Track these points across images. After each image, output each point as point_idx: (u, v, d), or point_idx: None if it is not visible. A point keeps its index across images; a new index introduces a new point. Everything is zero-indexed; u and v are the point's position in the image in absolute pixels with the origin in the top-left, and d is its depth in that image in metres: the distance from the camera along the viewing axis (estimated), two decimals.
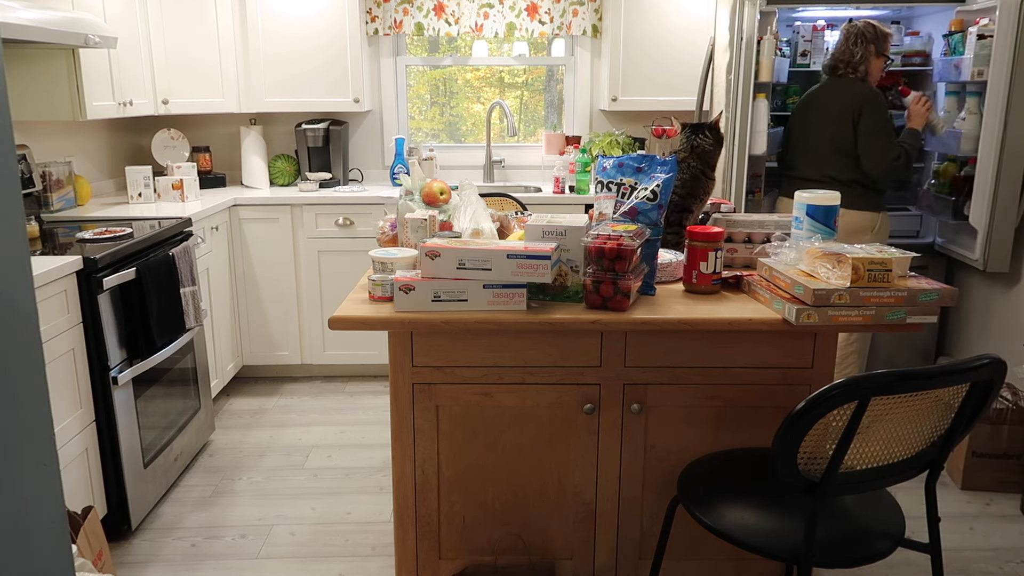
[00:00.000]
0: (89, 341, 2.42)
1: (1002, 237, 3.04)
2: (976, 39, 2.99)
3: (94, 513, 2.20)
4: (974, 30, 3.01)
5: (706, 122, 2.24)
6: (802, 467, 1.40)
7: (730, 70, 3.22)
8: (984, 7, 3.07)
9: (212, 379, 3.42)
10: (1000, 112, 2.94)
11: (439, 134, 4.52)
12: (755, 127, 3.24)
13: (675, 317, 1.76)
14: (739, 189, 3.27)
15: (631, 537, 2.00)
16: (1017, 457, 2.82)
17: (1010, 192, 3.00)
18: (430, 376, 1.88)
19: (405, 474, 1.95)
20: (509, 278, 1.75)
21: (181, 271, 2.85)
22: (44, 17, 2.48)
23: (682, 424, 1.92)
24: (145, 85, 3.61)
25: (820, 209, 1.90)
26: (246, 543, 2.57)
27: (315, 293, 3.87)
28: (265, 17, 3.85)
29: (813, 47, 3.51)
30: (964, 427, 1.46)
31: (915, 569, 2.41)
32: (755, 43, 3.15)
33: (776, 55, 3.24)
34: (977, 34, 2.99)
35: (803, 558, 1.41)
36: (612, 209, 1.92)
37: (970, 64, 3.03)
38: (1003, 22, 2.89)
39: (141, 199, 3.57)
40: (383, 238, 2.21)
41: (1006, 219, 3.02)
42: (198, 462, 3.12)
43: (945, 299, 1.69)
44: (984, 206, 3.03)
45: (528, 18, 4.13)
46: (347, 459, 3.15)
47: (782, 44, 3.40)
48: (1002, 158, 2.98)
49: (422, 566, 2.01)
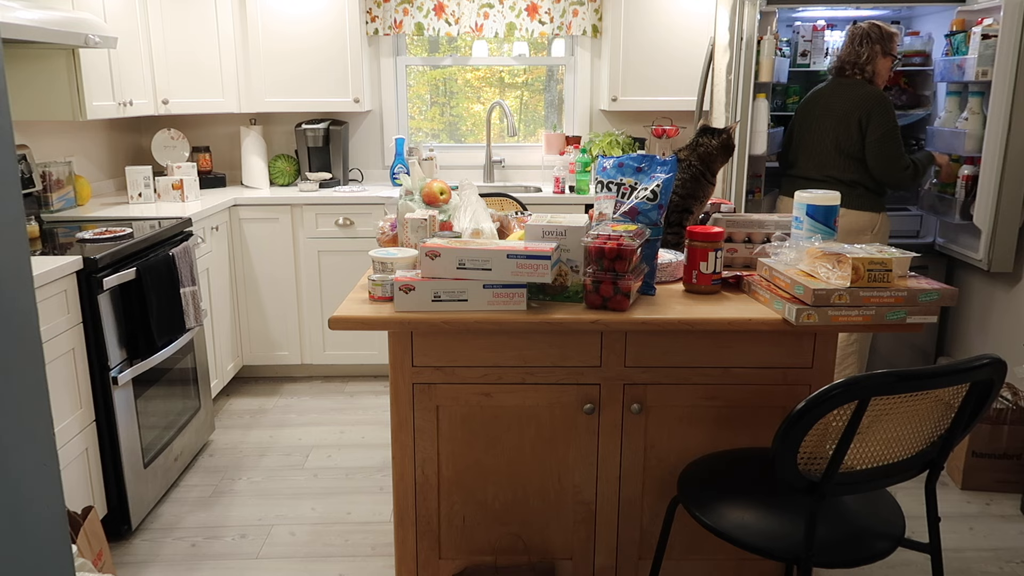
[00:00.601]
0: (89, 341, 2.42)
1: (1006, 237, 3.04)
2: (980, 39, 2.99)
3: (94, 513, 2.20)
4: (978, 30, 3.01)
5: (720, 128, 2.24)
6: (802, 467, 1.40)
7: (730, 70, 3.22)
8: (986, 7, 3.06)
9: (212, 379, 3.42)
10: (1005, 112, 2.94)
11: (439, 134, 4.52)
12: (755, 127, 3.24)
13: (675, 317, 1.76)
14: (739, 189, 3.27)
15: (631, 537, 2.01)
16: (1017, 457, 2.82)
17: (1014, 192, 3.00)
18: (430, 376, 1.88)
19: (405, 474, 1.95)
20: (509, 278, 1.75)
21: (181, 271, 2.85)
22: (44, 17, 2.48)
23: (682, 424, 1.92)
24: (145, 85, 3.61)
25: (820, 209, 1.90)
26: (246, 543, 2.57)
27: (315, 293, 3.87)
28: (265, 17, 3.85)
29: (813, 47, 3.51)
30: (964, 427, 1.46)
31: (915, 569, 2.41)
32: (755, 43, 3.15)
33: (776, 55, 3.25)
34: (981, 34, 2.99)
35: (803, 558, 1.41)
36: (612, 209, 1.92)
37: (974, 64, 3.02)
38: (1007, 22, 2.89)
39: (141, 199, 3.57)
40: (383, 238, 2.21)
41: (1010, 219, 3.02)
42: (198, 462, 3.12)
43: (945, 299, 1.69)
44: (988, 206, 3.03)
45: (528, 18, 4.13)
46: (347, 459, 3.15)
47: (782, 44, 3.40)
48: (1006, 158, 2.97)
49: (422, 566, 2.01)
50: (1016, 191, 3.00)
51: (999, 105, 2.95)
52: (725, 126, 2.25)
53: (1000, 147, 2.98)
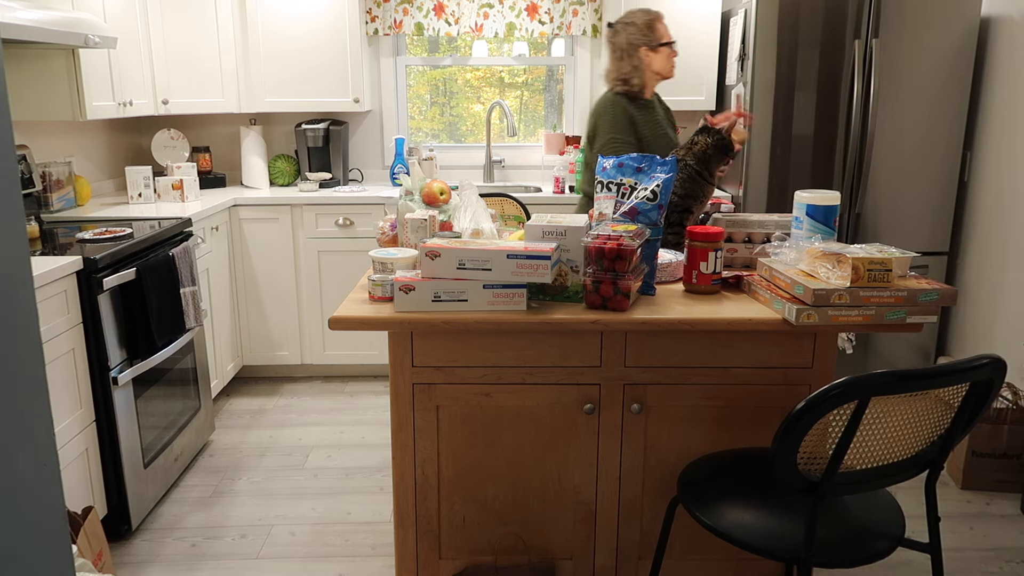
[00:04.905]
0: (89, 341, 2.42)
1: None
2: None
3: (94, 513, 2.20)
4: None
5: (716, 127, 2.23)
6: (802, 467, 1.40)
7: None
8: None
9: (212, 379, 3.42)
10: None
11: (439, 134, 4.52)
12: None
13: (675, 317, 1.76)
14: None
15: (631, 537, 2.01)
16: (1017, 457, 2.82)
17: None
18: (430, 376, 1.88)
19: (405, 474, 1.95)
20: (509, 278, 1.75)
21: (181, 271, 2.85)
22: (44, 17, 2.48)
23: (682, 424, 1.92)
24: (145, 85, 3.61)
25: (820, 209, 1.90)
26: (246, 543, 2.57)
27: (315, 293, 3.87)
28: (265, 17, 3.85)
29: None
30: (964, 427, 1.46)
31: (915, 569, 2.41)
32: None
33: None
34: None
35: (803, 558, 1.41)
36: (612, 209, 1.92)
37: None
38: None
39: (141, 199, 3.57)
40: (383, 238, 2.21)
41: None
42: (198, 462, 3.12)
43: (945, 299, 1.69)
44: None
45: (528, 18, 4.13)
46: (347, 459, 3.15)
47: None
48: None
49: (422, 566, 2.01)
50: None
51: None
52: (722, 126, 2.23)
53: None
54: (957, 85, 3.33)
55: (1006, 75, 3.20)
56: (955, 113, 3.35)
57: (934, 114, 3.36)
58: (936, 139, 3.38)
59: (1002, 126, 3.22)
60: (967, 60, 3.30)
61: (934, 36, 3.29)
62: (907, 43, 3.29)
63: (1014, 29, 3.15)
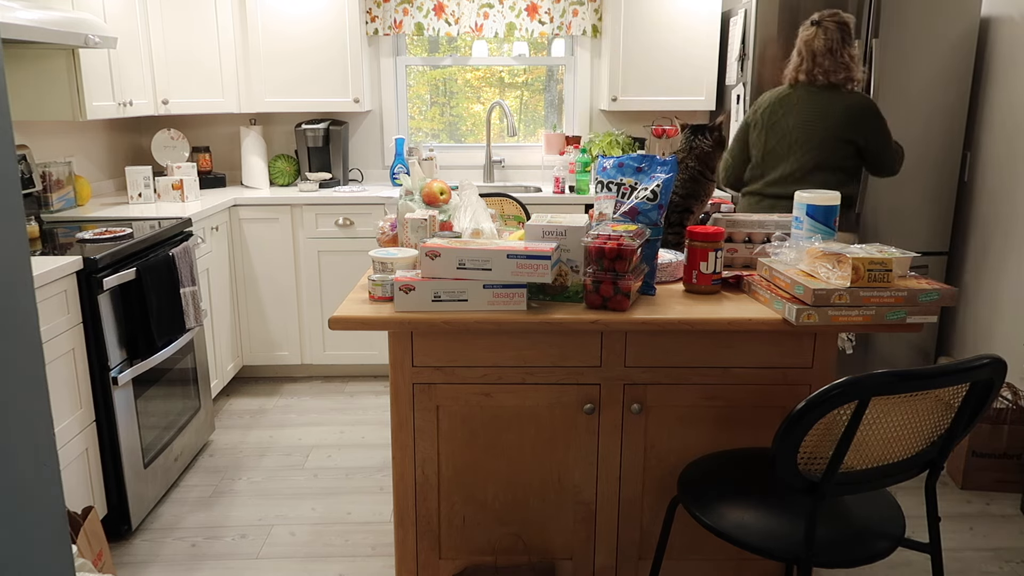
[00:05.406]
0: (89, 341, 2.42)
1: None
2: None
3: (94, 513, 2.20)
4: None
5: (707, 124, 2.24)
6: (802, 467, 1.40)
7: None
8: None
9: (212, 379, 3.42)
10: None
11: (439, 134, 4.52)
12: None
13: (675, 317, 1.76)
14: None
15: (631, 537, 2.01)
16: (1017, 457, 2.82)
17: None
18: (430, 376, 1.88)
19: (405, 474, 1.95)
20: (509, 278, 1.75)
21: (181, 271, 2.85)
22: (44, 17, 2.48)
23: (682, 424, 1.92)
24: (145, 85, 3.61)
25: (820, 209, 1.90)
26: (246, 543, 2.57)
27: (315, 293, 3.87)
28: (265, 17, 3.85)
29: None
30: (964, 427, 1.46)
31: (915, 569, 2.41)
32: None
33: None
34: None
35: (803, 558, 1.41)
36: (612, 209, 1.92)
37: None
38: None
39: (141, 199, 3.57)
40: (383, 238, 2.21)
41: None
42: (198, 462, 3.12)
43: (945, 299, 1.69)
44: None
45: (528, 18, 4.13)
46: (347, 459, 3.15)
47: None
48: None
49: (422, 566, 2.01)
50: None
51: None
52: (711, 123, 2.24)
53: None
54: (957, 85, 3.33)
55: (1006, 75, 3.20)
56: (955, 113, 3.36)
57: (934, 114, 3.37)
58: (936, 139, 3.38)
59: (1002, 126, 3.22)
60: (967, 60, 3.30)
61: (934, 36, 3.29)
62: (907, 43, 3.29)
63: (1014, 29, 3.15)
